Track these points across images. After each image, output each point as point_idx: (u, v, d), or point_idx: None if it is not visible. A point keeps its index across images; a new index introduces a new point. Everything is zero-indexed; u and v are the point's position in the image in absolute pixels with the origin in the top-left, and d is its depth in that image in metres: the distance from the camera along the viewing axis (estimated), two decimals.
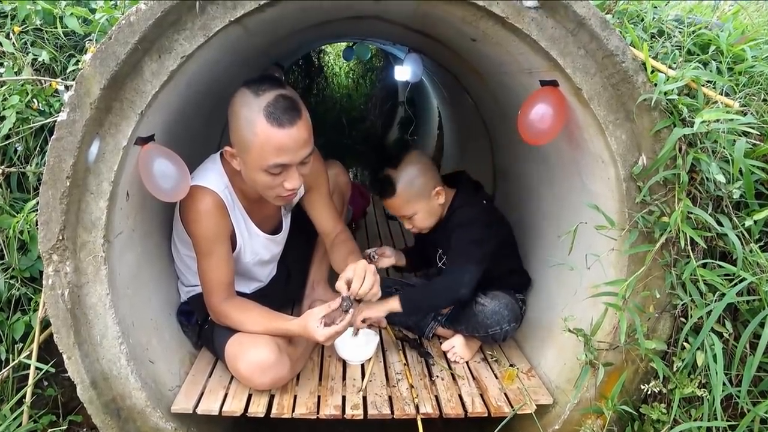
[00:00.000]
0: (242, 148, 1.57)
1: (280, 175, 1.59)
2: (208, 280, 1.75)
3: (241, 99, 1.56)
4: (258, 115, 1.51)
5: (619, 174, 1.54)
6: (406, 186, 1.96)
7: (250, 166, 1.58)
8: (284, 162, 1.56)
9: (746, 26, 1.84)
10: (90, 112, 1.39)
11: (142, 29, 1.37)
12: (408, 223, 2.07)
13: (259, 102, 1.52)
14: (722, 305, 1.38)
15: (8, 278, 1.76)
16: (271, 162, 1.54)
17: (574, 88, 1.53)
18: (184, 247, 1.88)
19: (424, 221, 2.03)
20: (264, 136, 1.51)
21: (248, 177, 1.64)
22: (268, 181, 1.60)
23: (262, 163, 1.55)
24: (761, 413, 1.35)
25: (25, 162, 1.86)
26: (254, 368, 1.67)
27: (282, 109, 1.52)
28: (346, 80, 8.61)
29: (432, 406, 1.72)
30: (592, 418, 1.67)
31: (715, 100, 1.48)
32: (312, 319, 1.64)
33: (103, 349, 1.54)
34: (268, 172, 1.57)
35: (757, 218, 1.42)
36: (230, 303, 1.77)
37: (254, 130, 1.51)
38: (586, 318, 1.65)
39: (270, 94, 1.53)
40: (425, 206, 2.00)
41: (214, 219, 1.71)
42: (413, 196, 1.97)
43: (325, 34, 3.04)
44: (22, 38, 1.95)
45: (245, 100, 1.54)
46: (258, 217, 1.89)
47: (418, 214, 2.01)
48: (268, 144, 1.52)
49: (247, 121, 1.53)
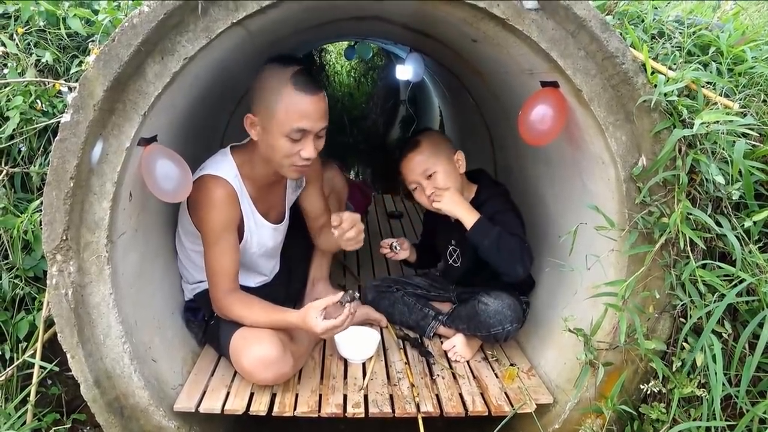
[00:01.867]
0: (266, 115, 1.68)
1: (299, 143, 1.69)
2: (214, 270, 1.78)
3: (269, 70, 1.70)
4: (285, 82, 1.65)
5: (619, 175, 1.55)
6: (429, 142, 2.01)
7: (273, 132, 1.68)
8: (305, 127, 1.66)
9: (746, 27, 1.84)
10: (93, 114, 1.40)
11: (145, 31, 1.38)
12: (429, 187, 1.98)
13: (286, 72, 1.66)
14: (722, 306, 1.38)
15: (12, 278, 1.76)
16: (295, 126, 1.65)
17: (574, 90, 1.53)
18: (189, 241, 1.91)
19: (445, 181, 1.97)
20: (289, 100, 1.64)
21: (267, 145, 1.72)
22: (288, 148, 1.69)
23: (284, 128, 1.65)
24: (760, 413, 1.36)
25: (28, 162, 1.87)
26: (257, 363, 1.69)
27: (308, 79, 1.68)
28: (347, 79, 8.62)
29: (433, 405, 1.73)
30: (592, 417, 1.68)
31: (715, 102, 1.48)
32: (312, 311, 1.67)
33: (107, 348, 1.56)
34: (289, 137, 1.67)
35: (756, 219, 1.42)
36: (234, 295, 1.80)
37: (281, 95, 1.64)
38: (586, 318, 1.66)
39: (296, 66, 1.69)
40: (446, 165, 1.99)
41: (226, 207, 1.76)
42: (435, 151, 1.99)
43: (326, 34, 3.05)
44: (26, 39, 1.96)
45: (273, 71, 1.69)
46: (264, 207, 1.94)
47: (439, 173, 1.96)
48: (293, 107, 1.64)
49: (273, 88, 1.65)
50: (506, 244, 1.86)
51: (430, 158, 1.98)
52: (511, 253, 1.87)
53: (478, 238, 1.89)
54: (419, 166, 1.99)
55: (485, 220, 1.90)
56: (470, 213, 1.91)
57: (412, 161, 2.00)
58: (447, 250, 2.20)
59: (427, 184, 1.99)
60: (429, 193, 1.98)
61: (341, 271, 2.75)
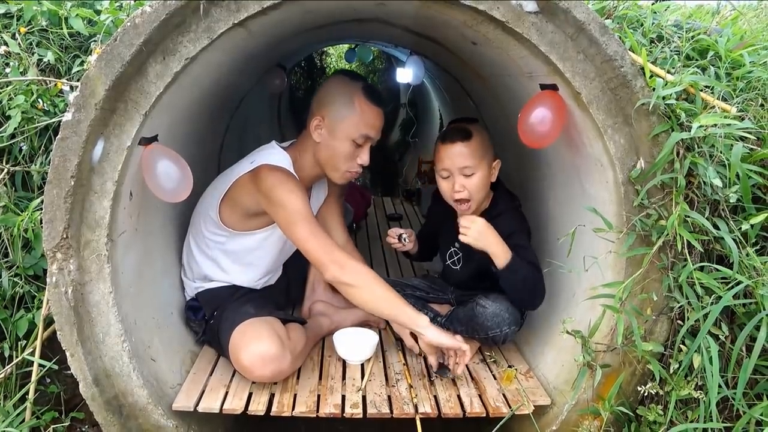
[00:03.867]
0: (335, 119, 1.84)
1: (359, 149, 1.87)
2: (321, 241, 1.73)
3: (340, 79, 1.91)
4: (358, 92, 1.85)
5: (617, 177, 1.56)
6: (480, 138, 1.91)
7: (340, 135, 1.85)
8: (371, 135, 1.87)
9: (745, 32, 1.86)
10: (95, 113, 1.41)
11: (146, 31, 1.39)
12: (459, 182, 1.89)
13: (357, 83, 1.88)
14: (719, 308, 1.39)
15: (12, 276, 1.77)
16: (363, 131, 1.85)
17: (573, 92, 1.54)
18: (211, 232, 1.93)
19: (478, 186, 1.90)
20: (361, 108, 1.84)
21: (330, 147, 1.87)
22: (350, 152, 1.86)
23: (353, 132, 1.84)
24: (756, 415, 1.36)
25: (29, 161, 1.88)
26: (256, 359, 1.70)
27: (376, 93, 1.90)
28: None
29: (431, 406, 1.73)
30: (590, 419, 1.68)
31: (713, 105, 1.49)
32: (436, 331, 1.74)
33: (106, 347, 1.56)
34: (354, 141, 1.85)
35: (753, 222, 1.43)
36: (358, 262, 1.80)
37: (353, 103, 1.83)
38: (584, 320, 1.67)
39: (363, 81, 1.91)
40: (486, 170, 1.91)
41: (298, 187, 1.79)
42: (483, 152, 1.90)
43: (327, 36, 3.06)
44: (28, 39, 1.97)
45: (344, 81, 1.90)
46: None
47: (478, 176, 1.88)
48: (364, 115, 1.84)
49: (345, 95, 1.84)
50: (532, 280, 1.85)
51: (476, 157, 1.87)
52: (534, 289, 1.87)
53: (507, 274, 1.84)
54: (462, 159, 1.87)
55: (517, 259, 1.83)
56: (502, 248, 1.83)
57: (457, 150, 1.87)
58: (448, 250, 2.19)
59: (459, 178, 1.89)
60: (458, 188, 1.89)
61: None
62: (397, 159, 6.60)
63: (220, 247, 1.97)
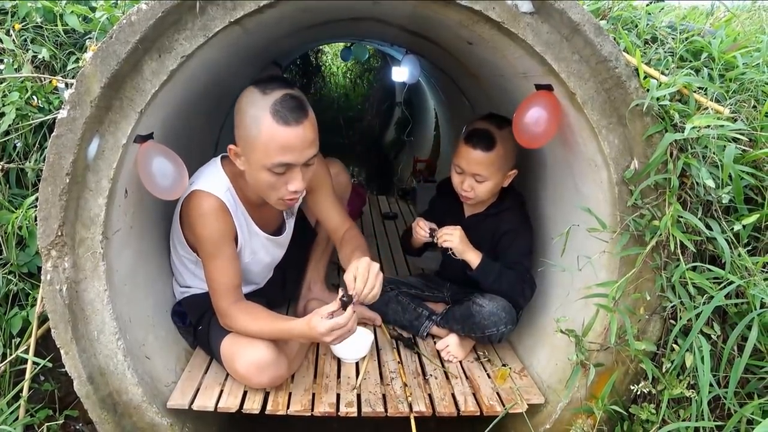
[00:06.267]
0: (247, 146, 1.58)
1: (284, 176, 1.59)
2: (216, 283, 1.72)
3: (249, 97, 1.57)
4: (264, 113, 1.52)
5: (611, 177, 1.57)
6: (502, 150, 1.91)
7: (255, 165, 1.58)
8: (288, 161, 1.56)
9: (738, 34, 1.87)
10: (90, 110, 1.41)
11: (142, 29, 1.39)
12: (469, 183, 1.96)
13: (266, 100, 1.53)
14: (710, 308, 1.40)
15: (6, 273, 1.77)
16: (276, 160, 1.54)
17: (568, 93, 1.55)
18: (182, 249, 1.88)
19: (487, 192, 1.97)
20: (269, 133, 1.52)
21: (252, 177, 1.64)
22: (272, 182, 1.60)
23: (266, 162, 1.55)
24: (747, 414, 1.37)
25: (24, 158, 1.88)
26: (252, 367, 1.67)
27: (289, 108, 1.52)
28: (343, 80, 8.64)
29: (425, 405, 1.73)
30: (583, 417, 1.69)
31: (706, 107, 1.50)
32: (316, 318, 1.59)
33: (101, 345, 1.56)
34: (271, 171, 1.57)
35: (745, 223, 1.44)
36: (237, 306, 1.73)
37: (260, 127, 1.52)
38: (578, 319, 1.68)
39: (277, 93, 1.54)
40: (499, 179, 1.96)
41: (218, 222, 1.69)
42: (501, 164, 1.93)
43: (323, 34, 3.06)
44: (23, 35, 1.96)
45: (252, 98, 1.56)
46: (261, 217, 1.88)
47: (488, 183, 1.95)
48: (273, 141, 1.52)
49: (253, 118, 1.53)
50: (506, 280, 1.96)
51: (492, 167, 1.92)
52: (511, 288, 1.97)
53: (480, 276, 1.97)
54: (477, 167, 1.93)
55: (488, 261, 1.96)
56: (474, 254, 1.97)
57: (475, 157, 1.91)
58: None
59: (470, 179, 1.96)
60: (466, 188, 1.98)
61: (336, 272, 2.75)
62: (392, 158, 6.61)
63: (195, 263, 1.89)
